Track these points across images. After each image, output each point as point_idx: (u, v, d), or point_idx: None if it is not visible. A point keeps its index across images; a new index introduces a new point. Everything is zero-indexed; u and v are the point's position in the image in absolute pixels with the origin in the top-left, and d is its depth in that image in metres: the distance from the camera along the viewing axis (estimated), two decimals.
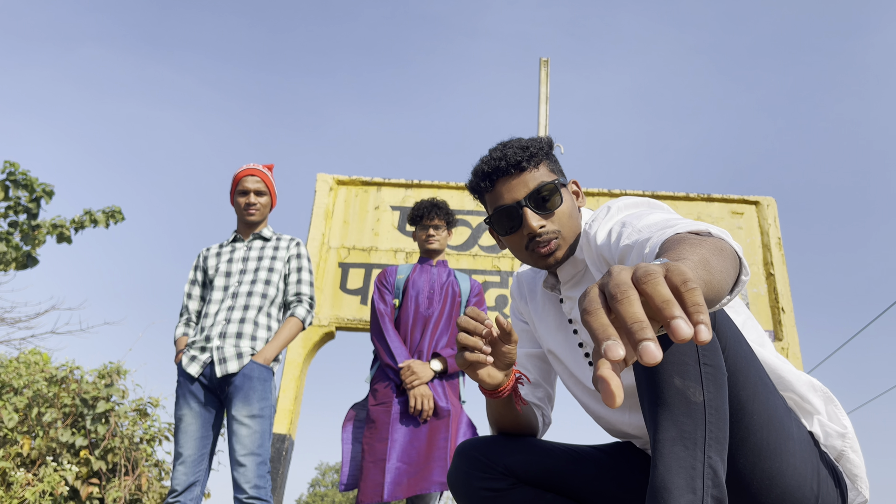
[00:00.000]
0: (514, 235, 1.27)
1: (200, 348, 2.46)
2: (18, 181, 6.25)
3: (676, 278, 0.57)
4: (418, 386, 2.39)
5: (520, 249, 1.29)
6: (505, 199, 1.27)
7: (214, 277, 2.62)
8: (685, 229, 0.92)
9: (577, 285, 1.30)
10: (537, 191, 1.24)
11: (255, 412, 2.36)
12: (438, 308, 2.58)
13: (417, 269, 2.68)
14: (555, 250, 1.26)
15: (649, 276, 0.57)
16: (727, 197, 4.29)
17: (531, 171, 1.26)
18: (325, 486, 30.42)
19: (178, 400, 2.44)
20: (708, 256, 0.78)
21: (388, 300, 2.64)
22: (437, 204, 2.69)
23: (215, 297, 2.57)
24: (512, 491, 1.24)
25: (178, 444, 2.38)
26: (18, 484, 3.99)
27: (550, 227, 1.25)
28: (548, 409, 1.42)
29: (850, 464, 1.14)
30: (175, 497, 2.33)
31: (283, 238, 2.73)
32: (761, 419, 1.00)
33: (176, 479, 2.35)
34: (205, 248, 2.78)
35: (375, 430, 2.41)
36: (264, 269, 2.60)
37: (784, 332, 3.83)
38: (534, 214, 1.24)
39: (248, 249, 2.67)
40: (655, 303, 0.55)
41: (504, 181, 1.27)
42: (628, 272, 0.58)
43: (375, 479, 2.30)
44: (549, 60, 5.24)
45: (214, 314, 2.52)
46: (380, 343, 2.55)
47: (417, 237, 2.73)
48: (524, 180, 1.25)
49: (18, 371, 4.56)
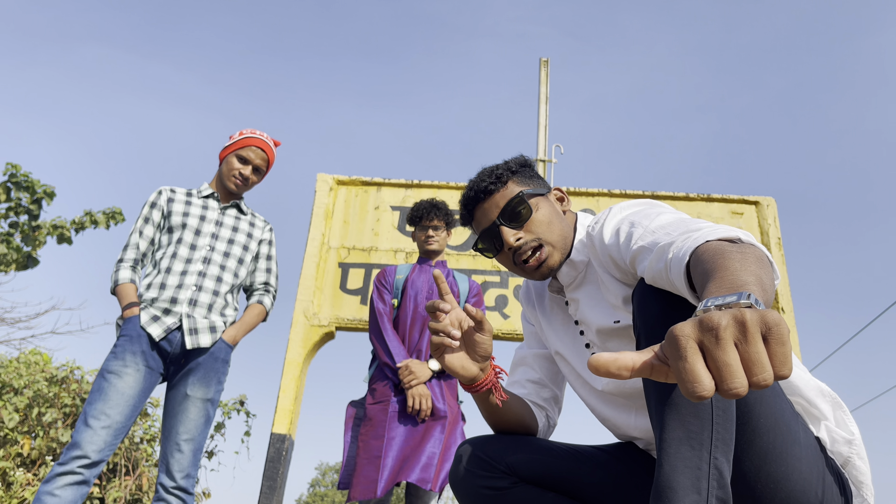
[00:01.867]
0: (501, 255, 1.33)
1: (164, 310, 2.21)
2: (20, 183, 6.25)
3: (774, 335, 0.57)
4: (416, 385, 2.39)
5: (513, 267, 1.33)
6: (483, 224, 1.34)
7: (182, 230, 2.35)
8: (715, 235, 0.91)
9: (580, 287, 1.31)
10: (506, 207, 1.30)
11: (210, 395, 2.22)
12: None
13: (416, 270, 2.68)
14: (545, 259, 1.29)
15: (750, 334, 0.57)
16: (727, 197, 4.29)
17: (501, 191, 1.33)
18: (325, 486, 30.41)
19: (121, 355, 2.11)
20: (760, 273, 0.78)
21: (387, 300, 2.63)
22: (436, 204, 2.69)
23: (181, 253, 2.31)
24: (513, 490, 1.24)
25: (108, 403, 2.03)
26: (19, 484, 3.99)
27: (527, 237, 1.29)
28: (553, 410, 1.42)
29: (855, 470, 1.13)
30: (83, 465, 1.94)
31: (258, 218, 2.58)
32: (768, 422, 0.99)
33: (92, 442, 1.97)
34: (168, 188, 2.48)
35: (372, 427, 2.41)
36: (239, 246, 2.44)
37: None
38: (507, 230, 1.30)
39: (223, 215, 2.47)
40: (748, 363, 0.57)
41: (479, 208, 1.35)
42: (727, 320, 0.58)
43: (369, 475, 2.29)
44: (549, 60, 5.24)
45: (181, 274, 2.27)
46: (378, 342, 2.55)
47: (416, 238, 2.73)
48: (495, 202, 1.32)
49: (19, 371, 4.56)
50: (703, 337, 0.58)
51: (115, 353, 2.13)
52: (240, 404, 5.01)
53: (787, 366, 0.56)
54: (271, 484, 3.34)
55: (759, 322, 0.58)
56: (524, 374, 1.44)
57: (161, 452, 2.14)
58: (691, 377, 0.56)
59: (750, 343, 0.57)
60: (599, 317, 1.25)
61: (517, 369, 1.46)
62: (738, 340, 0.57)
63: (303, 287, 3.85)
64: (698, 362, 0.57)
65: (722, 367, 0.56)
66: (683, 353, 0.58)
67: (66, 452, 1.97)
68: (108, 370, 2.10)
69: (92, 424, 1.99)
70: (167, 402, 2.23)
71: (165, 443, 2.14)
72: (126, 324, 2.18)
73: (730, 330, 0.57)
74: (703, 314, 0.62)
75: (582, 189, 4.24)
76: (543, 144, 4.88)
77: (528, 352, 1.46)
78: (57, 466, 1.95)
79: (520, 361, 1.47)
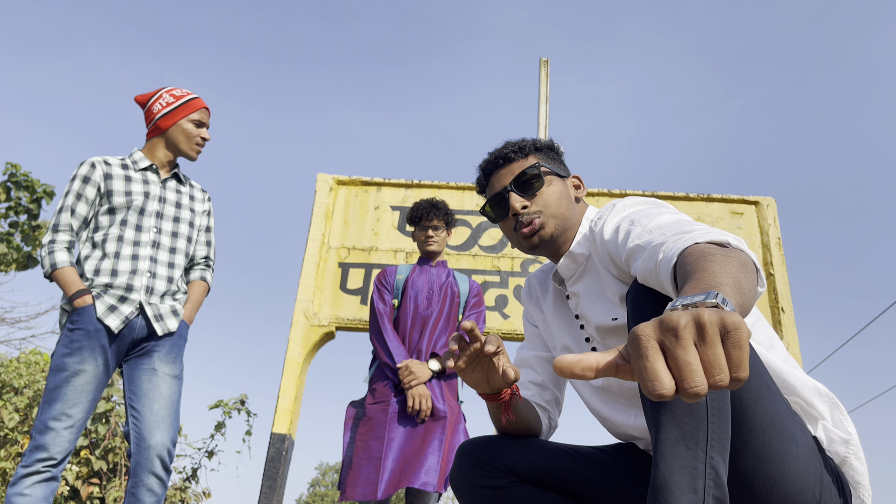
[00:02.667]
0: (505, 221, 1.36)
1: (120, 297, 2.11)
2: (20, 183, 6.25)
3: (732, 338, 0.58)
4: (416, 386, 2.39)
5: (511, 234, 1.36)
6: (495, 188, 1.38)
7: (126, 212, 2.20)
8: (704, 238, 0.92)
9: (580, 280, 1.32)
10: (520, 175, 1.34)
11: (177, 372, 2.17)
12: (437, 308, 2.59)
13: (417, 270, 2.68)
14: (538, 229, 1.32)
15: (708, 335, 0.58)
16: (727, 197, 4.29)
17: (519, 161, 1.37)
18: (325, 486, 30.41)
19: (78, 352, 2.03)
20: (739, 276, 0.79)
21: (388, 300, 2.64)
22: (436, 204, 2.68)
23: (128, 235, 2.18)
24: (512, 489, 1.25)
25: (68, 403, 1.99)
26: None
27: (533, 208, 1.32)
28: (555, 412, 1.43)
29: (852, 470, 1.13)
30: (49, 465, 1.95)
31: (196, 188, 2.43)
32: (763, 422, 1.00)
33: (57, 444, 1.96)
34: (101, 161, 2.25)
35: (371, 427, 2.41)
36: (185, 223, 2.31)
37: (784, 332, 3.83)
38: (516, 196, 1.33)
39: (164, 189, 2.30)
40: (705, 364, 0.57)
41: (496, 173, 1.39)
42: (686, 319, 0.59)
43: (369, 476, 2.29)
44: (549, 60, 5.24)
45: (132, 258, 2.16)
46: (378, 343, 2.55)
47: (417, 238, 2.73)
48: (511, 169, 1.37)
49: (19, 371, 4.56)
50: (663, 336, 0.59)
51: (70, 348, 2.03)
52: (240, 404, 5.01)
53: (743, 370, 0.57)
54: (271, 484, 3.35)
55: (717, 323, 0.58)
56: (526, 375, 1.44)
57: (140, 437, 2.05)
58: (651, 375, 0.57)
59: (707, 344, 0.57)
60: (598, 313, 1.26)
61: (520, 371, 1.46)
62: (697, 341, 0.58)
63: (303, 287, 3.85)
64: (658, 361, 0.58)
65: (682, 366, 0.56)
66: (644, 352, 0.58)
67: (31, 455, 1.95)
68: (64, 368, 2.02)
69: (55, 427, 1.96)
70: (133, 382, 2.14)
71: (144, 424, 2.06)
72: (80, 314, 2.06)
73: (689, 329, 0.58)
74: (667, 313, 0.63)
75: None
76: None
77: (529, 354, 1.46)
78: (21, 468, 1.94)
79: (522, 363, 1.47)
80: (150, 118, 2.33)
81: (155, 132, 2.33)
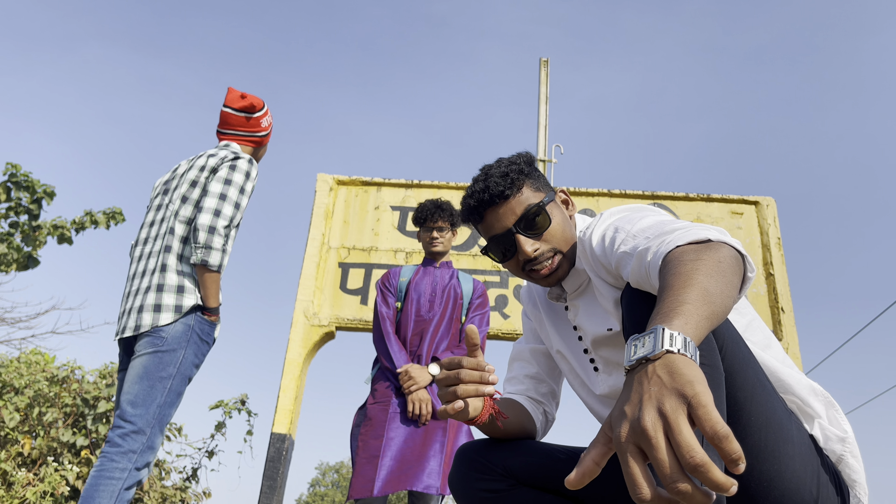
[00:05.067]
0: (510, 261, 1.31)
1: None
2: (20, 183, 6.25)
3: (696, 408, 0.64)
4: (416, 391, 2.39)
5: (518, 272, 1.32)
6: (496, 229, 1.30)
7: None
8: (684, 240, 0.94)
9: (583, 294, 1.32)
10: (524, 216, 1.27)
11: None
12: (439, 312, 2.58)
13: (420, 272, 2.68)
14: (556, 269, 1.28)
15: (672, 426, 0.64)
16: (727, 197, 4.30)
17: (516, 196, 1.29)
18: (325, 486, 30.40)
19: (199, 365, 2.09)
20: (706, 283, 0.83)
21: (391, 303, 2.63)
22: (441, 205, 2.67)
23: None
24: (511, 492, 1.25)
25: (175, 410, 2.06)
26: (19, 484, 4.00)
27: (544, 248, 1.27)
28: (551, 405, 1.43)
29: (849, 469, 1.13)
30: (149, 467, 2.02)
31: None
32: (759, 421, 1.00)
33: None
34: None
35: (371, 427, 2.41)
36: None
37: (784, 332, 3.83)
38: (526, 239, 1.26)
39: None
40: (678, 449, 0.62)
41: (491, 211, 1.30)
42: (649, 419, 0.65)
43: (367, 474, 2.29)
44: (549, 60, 5.24)
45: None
46: (380, 347, 2.55)
47: (422, 239, 2.71)
48: (510, 207, 1.28)
49: (19, 371, 4.57)
50: (638, 441, 0.65)
51: (200, 359, 2.07)
52: (241, 404, 5.01)
53: (715, 423, 0.62)
54: (271, 483, 3.35)
55: (679, 408, 0.64)
56: (522, 368, 1.44)
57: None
58: (633, 483, 0.64)
59: (675, 433, 0.63)
60: (594, 325, 1.26)
61: (514, 364, 1.47)
62: (667, 432, 0.64)
63: (303, 287, 3.86)
64: (637, 468, 0.64)
65: (661, 465, 0.62)
66: (624, 460, 0.65)
67: (145, 455, 1.94)
68: (191, 376, 2.05)
69: (163, 434, 2.00)
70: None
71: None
72: (212, 329, 2.12)
73: (658, 428, 0.64)
74: (631, 378, 0.72)
75: (582, 189, 4.24)
76: (543, 144, 4.88)
77: (525, 346, 1.47)
78: (131, 466, 1.91)
79: (517, 356, 1.47)
80: (257, 129, 2.38)
81: (253, 143, 2.39)
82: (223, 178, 2.13)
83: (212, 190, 2.12)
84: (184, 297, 2.05)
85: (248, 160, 2.21)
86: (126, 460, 1.86)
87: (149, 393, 1.94)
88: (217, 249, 2.04)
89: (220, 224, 2.07)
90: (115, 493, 1.82)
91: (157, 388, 1.95)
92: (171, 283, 2.05)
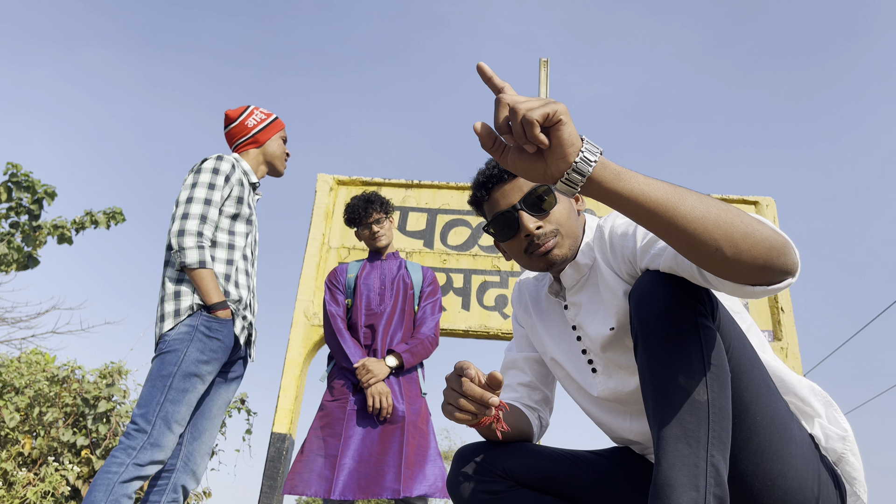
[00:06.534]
0: (513, 240, 1.28)
1: (242, 316, 2.19)
2: (21, 183, 6.25)
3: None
4: (375, 384, 2.37)
5: (520, 254, 1.29)
6: (501, 206, 1.28)
7: (245, 223, 2.25)
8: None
9: (582, 290, 1.30)
10: (531, 193, 1.25)
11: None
12: (390, 304, 2.55)
13: (367, 267, 2.65)
14: (553, 248, 1.26)
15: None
16: (727, 197, 4.30)
17: None
18: None
19: (214, 361, 2.06)
20: (702, 197, 0.89)
21: (341, 301, 2.60)
22: (369, 198, 2.63)
23: (238, 243, 2.23)
24: (510, 494, 1.25)
25: (189, 409, 2.05)
26: (20, 484, 4.00)
27: (547, 228, 1.26)
28: (545, 411, 1.43)
29: (849, 467, 1.14)
30: (160, 469, 2.03)
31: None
32: (764, 421, 1.01)
33: (170, 447, 2.00)
34: (234, 159, 2.29)
35: (329, 424, 2.39)
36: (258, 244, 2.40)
37: (784, 332, 3.83)
38: (529, 216, 1.25)
39: (255, 205, 2.40)
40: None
41: (499, 188, 1.29)
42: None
43: (324, 473, 2.28)
44: (549, 60, 5.24)
45: (245, 273, 2.23)
46: (334, 345, 2.52)
47: (362, 236, 2.66)
48: (518, 185, 1.27)
49: (20, 371, 4.57)
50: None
51: (207, 356, 2.04)
52: (241, 403, 5.01)
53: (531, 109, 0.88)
54: (272, 483, 3.35)
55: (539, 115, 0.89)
56: (515, 377, 1.44)
57: (197, 439, 2.15)
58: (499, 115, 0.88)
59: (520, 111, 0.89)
60: (597, 325, 1.25)
61: (508, 372, 1.46)
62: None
63: (303, 287, 3.86)
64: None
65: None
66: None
67: (146, 452, 1.93)
68: (198, 374, 2.03)
69: (175, 431, 1.97)
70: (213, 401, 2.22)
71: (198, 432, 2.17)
72: (220, 325, 2.08)
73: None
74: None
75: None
76: None
77: (518, 355, 1.45)
78: (131, 463, 1.92)
79: (510, 364, 1.46)
80: (244, 132, 2.42)
81: (252, 144, 2.42)
82: (189, 184, 2.19)
83: (179, 199, 2.19)
84: (181, 301, 2.09)
85: (216, 157, 2.23)
86: (125, 455, 1.89)
87: (150, 393, 1.99)
88: (190, 248, 2.07)
89: (188, 225, 2.10)
90: (110, 486, 1.85)
91: (158, 387, 1.99)
92: (169, 291, 2.13)
